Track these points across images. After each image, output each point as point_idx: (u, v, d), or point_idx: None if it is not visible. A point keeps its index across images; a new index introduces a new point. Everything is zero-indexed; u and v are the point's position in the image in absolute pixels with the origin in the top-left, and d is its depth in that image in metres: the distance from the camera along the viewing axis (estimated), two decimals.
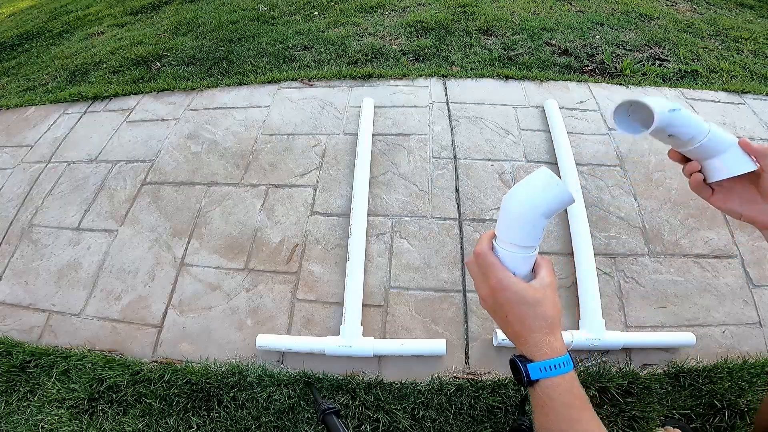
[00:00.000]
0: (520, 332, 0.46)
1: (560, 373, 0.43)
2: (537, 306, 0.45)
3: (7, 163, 1.97)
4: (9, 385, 1.23)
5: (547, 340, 0.45)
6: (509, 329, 0.47)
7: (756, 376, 1.13)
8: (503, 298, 0.46)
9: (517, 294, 0.45)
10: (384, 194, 1.60)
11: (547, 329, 0.45)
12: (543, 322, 0.45)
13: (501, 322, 0.48)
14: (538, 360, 0.44)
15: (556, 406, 0.43)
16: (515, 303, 0.45)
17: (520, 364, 0.44)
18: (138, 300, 1.40)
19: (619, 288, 1.34)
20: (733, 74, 2.19)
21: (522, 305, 0.45)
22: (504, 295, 0.46)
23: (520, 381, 0.44)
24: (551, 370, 0.43)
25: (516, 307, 0.45)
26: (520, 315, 0.45)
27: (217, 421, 1.09)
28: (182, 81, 2.29)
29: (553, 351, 0.44)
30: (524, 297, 0.45)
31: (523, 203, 0.44)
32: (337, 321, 1.28)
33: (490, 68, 2.19)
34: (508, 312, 0.46)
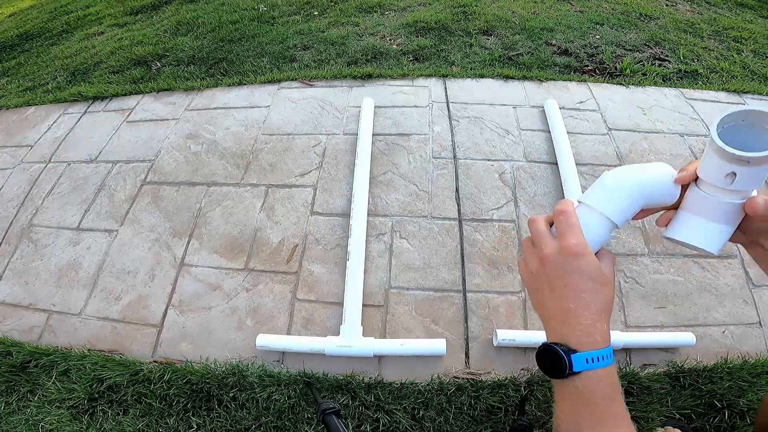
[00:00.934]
0: (573, 311, 0.39)
1: (607, 364, 0.38)
2: (604, 287, 0.40)
3: (7, 163, 1.97)
4: (9, 385, 1.23)
5: (598, 327, 0.39)
6: (558, 304, 0.40)
7: (756, 376, 1.13)
8: (573, 266, 0.39)
9: (590, 266, 0.39)
10: (384, 194, 1.60)
11: (605, 315, 0.40)
12: (603, 306, 0.39)
13: (551, 294, 0.41)
14: (586, 349, 0.38)
15: (596, 400, 0.38)
16: (584, 275, 0.39)
17: (561, 353, 0.38)
18: (138, 300, 1.40)
19: (619, 288, 1.34)
20: (733, 74, 2.19)
21: (590, 280, 0.39)
22: (576, 263, 0.39)
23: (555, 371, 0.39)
24: (598, 361, 0.38)
25: (582, 280, 0.39)
26: (582, 289, 0.39)
27: (217, 421, 1.09)
28: (182, 81, 2.29)
29: (602, 340, 0.39)
30: (596, 272, 0.40)
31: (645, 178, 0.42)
32: (337, 321, 1.28)
33: (490, 68, 2.19)
34: (569, 283, 0.39)
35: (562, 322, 0.40)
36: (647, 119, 1.88)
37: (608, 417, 0.38)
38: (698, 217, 0.41)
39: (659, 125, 1.84)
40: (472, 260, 1.41)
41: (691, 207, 0.42)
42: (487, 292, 1.34)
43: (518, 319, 1.28)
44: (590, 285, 0.39)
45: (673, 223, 0.43)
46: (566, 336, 0.39)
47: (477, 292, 1.34)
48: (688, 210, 0.42)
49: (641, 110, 1.93)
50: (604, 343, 0.39)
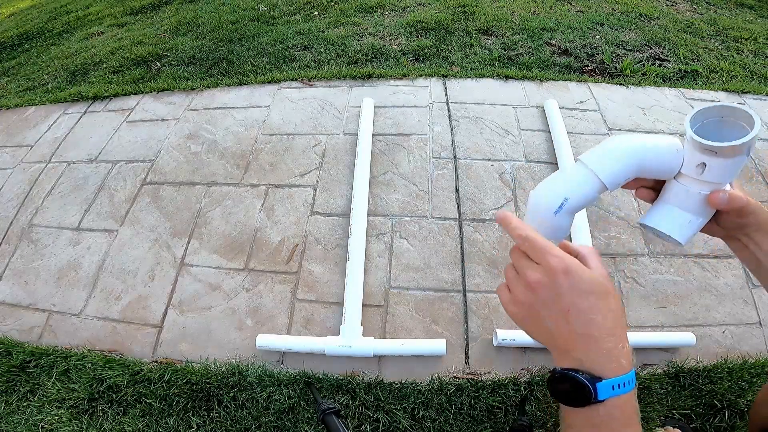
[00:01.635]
0: (589, 335, 0.34)
1: (630, 389, 0.34)
2: (606, 297, 0.35)
3: (7, 163, 1.97)
4: (9, 385, 1.23)
5: (625, 349, 0.34)
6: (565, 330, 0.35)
7: (756, 376, 1.13)
8: (565, 287, 0.34)
9: (583, 280, 0.34)
10: (384, 194, 1.60)
11: (623, 330, 0.35)
12: (616, 321, 0.35)
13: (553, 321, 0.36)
14: (611, 375, 0.33)
15: (615, 426, 0.35)
16: (581, 293, 0.34)
17: (586, 382, 0.33)
18: (138, 300, 1.40)
19: (619, 288, 1.34)
20: (733, 74, 2.19)
21: (591, 295, 0.34)
22: (567, 282, 0.34)
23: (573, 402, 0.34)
24: (624, 387, 0.34)
25: (582, 300, 0.34)
26: (586, 310, 0.34)
27: (217, 421, 1.09)
28: (182, 81, 2.29)
29: (628, 363, 0.34)
30: (592, 284, 0.34)
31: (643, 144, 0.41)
32: (337, 321, 1.28)
33: (490, 68, 2.19)
34: (572, 305, 0.34)
35: (580, 347, 0.35)
36: (647, 119, 1.88)
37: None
38: (671, 206, 0.42)
39: (659, 125, 1.84)
40: (472, 260, 1.41)
41: (666, 196, 0.43)
42: (487, 292, 1.34)
43: None
44: (593, 302, 0.35)
45: (650, 210, 0.44)
46: (587, 363, 0.34)
47: (477, 292, 1.34)
48: (664, 199, 0.43)
49: (641, 110, 1.93)
50: (628, 366, 0.34)
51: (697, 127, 0.39)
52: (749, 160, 1.69)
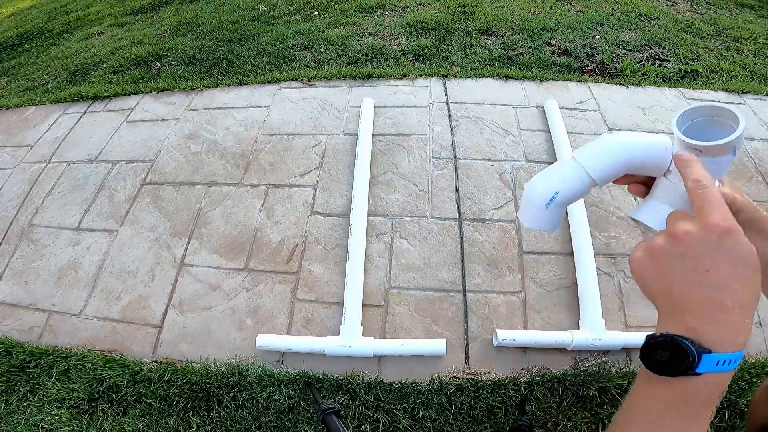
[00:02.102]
0: (720, 301, 0.31)
1: (733, 368, 0.32)
2: (755, 274, 0.31)
3: (7, 163, 1.97)
4: (9, 385, 1.23)
5: (748, 326, 0.31)
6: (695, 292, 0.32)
7: (756, 376, 1.13)
8: (721, 247, 0.31)
9: (743, 247, 0.31)
10: (384, 194, 1.60)
11: (753, 310, 0.32)
12: (753, 298, 0.31)
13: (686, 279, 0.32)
14: (723, 350, 0.31)
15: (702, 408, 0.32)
16: (736, 259, 0.31)
17: (693, 350, 0.30)
18: (138, 300, 1.40)
19: (619, 288, 1.34)
20: (733, 74, 2.19)
21: (743, 265, 0.31)
22: (727, 242, 0.31)
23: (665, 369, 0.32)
24: (730, 364, 0.31)
25: (733, 266, 0.31)
26: (732, 276, 0.31)
27: (217, 421, 1.09)
28: (182, 81, 2.29)
29: (745, 341, 0.32)
30: (750, 254, 0.31)
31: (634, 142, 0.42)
32: (337, 321, 1.28)
33: (490, 68, 2.19)
34: (715, 266, 0.31)
35: (699, 313, 0.32)
36: (647, 119, 1.88)
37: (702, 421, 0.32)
38: (660, 202, 0.43)
39: (659, 125, 1.84)
40: (472, 260, 1.41)
41: (656, 192, 0.44)
42: (487, 292, 1.34)
43: (518, 319, 1.28)
44: (741, 271, 0.31)
45: (640, 204, 0.45)
46: (701, 330, 0.31)
47: (477, 292, 1.34)
48: (654, 195, 0.44)
49: (641, 110, 1.93)
50: (744, 345, 0.32)
51: (687, 126, 0.40)
52: (749, 160, 1.70)
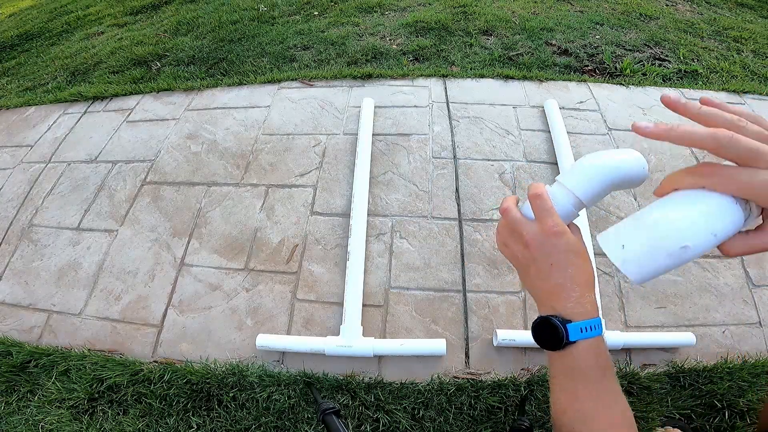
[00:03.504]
0: (563, 285, 0.41)
1: (598, 334, 0.40)
2: (583, 258, 0.42)
3: (7, 163, 1.97)
4: (9, 385, 1.23)
5: (590, 298, 0.41)
6: (550, 282, 0.42)
7: (756, 376, 1.13)
8: (553, 244, 0.41)
9: (570, 242, 0.41)
10: (384, 194, 1.60)
11: (591, 286, 0.42)
12: (588, 277, 0.42)
13: (539, 271, 0.43)
14: (579, 319, 0.40)
15: (590, 371, 0.40)
16: (566, 251, 0.41)
17: (558, 323, 0.40)
18: (138, 300, 1.40)
19: (619, 288, 1.34)
20: (733, 74, 2.19)
21: (571, 254, 0.41)
22: (558, 240, 0.41)
23: (552, 343, 0.40)
24: (592, 330, 0.39)
25: (566, 255, 0.41)
26: (567, 263, 0.41)
27: (217, 421, 1.09)
28: (182, 81, 2.29)
29: (594, 310, 0.41)
30: (577, 246, 0.42)
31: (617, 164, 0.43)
32: (337, 321, 1.28)
33: (490, 68, 2.19)
34: (556, 260, 0.41)
35: (555, 296, 0.42)
36: (647, 119, 1.88)
37: (603, 390, 0.40)
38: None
39: None
40: (472, 260, 1.41)
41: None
42: (487, 292, 1.34)
43: (518, 319, 1.28)
44: (574, 260, 0.41)
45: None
46: (560, 309, 0.41)
47: (477, 292, 1.34)
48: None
49: (641, 110, 1.93)
50: (594, 313, 0.41)
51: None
52: None
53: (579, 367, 0.40)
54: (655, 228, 0.35)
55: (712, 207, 0.33)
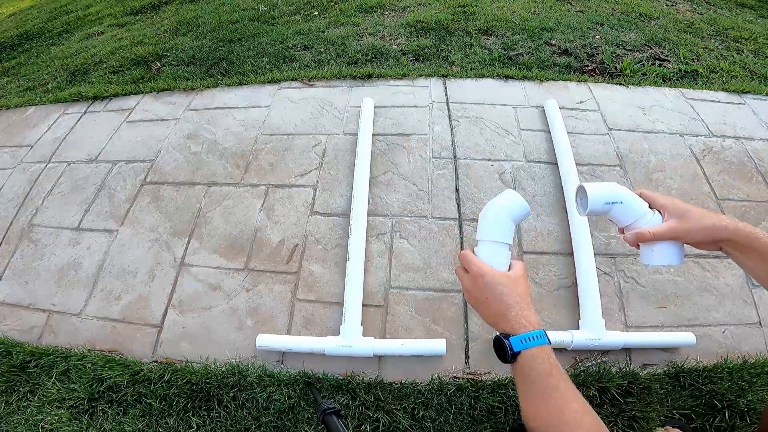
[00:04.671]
0: (500, 310, 0.52)
1: (538, 344, 0.48)
2: (510, 285, 0.53)
3: (7, 163, 1.97)
4: (9, 385, 1.23)
5: (524, 314, 0.51)
6: (491, 310, 0.54)
7: (756, 376, 1.13)
8: (482, 283, 0.54)
9: (493, 277, 0.54)
10: (384, 194, 1.60)
11: (523, 304, 0.52)
12: (518, 298, 0.52)
13: (483, 306, 0.55)
14: (520, 332, 0.49)
15: (536, 375, 0.47)
16: (492, 284, 0.53)
17: (503, 339, 0.50)
18: (138, 300, 1.40)
19: (619, 288, 1.34)
20: (733, 74, 2.19)
21: (498, 285, 0.53)
22: (483, 280, 0.54)
23: (504, 356, 0.50)
24: (530, 341, 0.48)
25: (493, 288, 0.53)
26: (497, 294, 0.53)
27: (217, 421, 1.09)
28: (182, 81, 2.29)
29: (530, 324, 0.50)
30: (499, 279, 0.54)
31: (496, 206, 0.60)
32: (337, 321, 1.28)
33: (490, 68, 2.19)
34: (489, 294, 0.53)
35: (499, 319, 0.53)
36: (647, 119, 1.88)
37: (550, 390, 0.46)
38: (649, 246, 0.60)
39: (659, 125, 1.84)
40: None
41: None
42: None
43: None
44: (500, 289, 0.53)
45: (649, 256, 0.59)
46: (506, 328, 0.51)
47: None
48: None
49: (641, 110, 1.93)
50: (532, 327, 0.50)
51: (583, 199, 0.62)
52: (749, 160, 1.70)
53: (525, 373, 0.48)
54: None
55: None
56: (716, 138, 1.79)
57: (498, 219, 0.59)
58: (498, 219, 0.59)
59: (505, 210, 0.59)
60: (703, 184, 1.60)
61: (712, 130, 1.83)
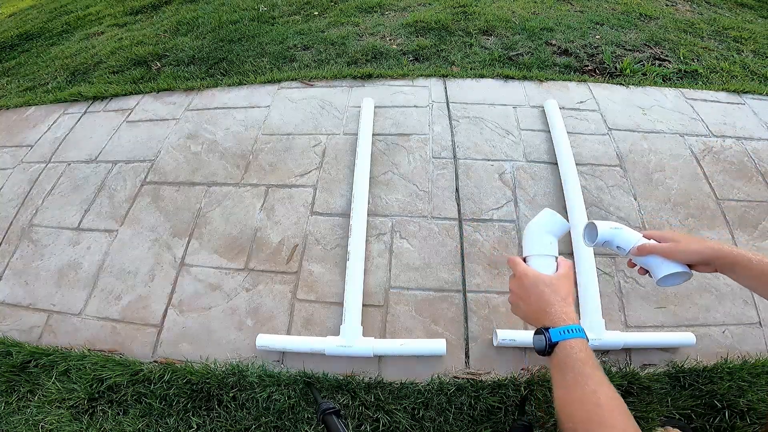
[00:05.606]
0: (542, 307, 0.56)
1: (576, 336, 0.52)
2: (552, 286, 0.58)
3: (7, 163, 1.97)
4: (9, 385, 1.23)
5: (564, 310, 0.55)
6: (532, 308, 0.58)
7: (756, 376, 1.13)
8: (526, 283, 0.59)
9: (535, 277, 0.59)
10: (384, 194, 1.60)
11: (563, 302, 0.56)
12: (558, 296, 0.57)
13: (525, 303, 0.59)
14: (560, 325, 0.53)
15: (574, 363, 0.49)
16: (534, 284, 0.58)
17: (543, 331, 0.54)
18: (138, 300, 1.40)
19: (619, 288, 1.34)
20: (733, 74, 2.19)
21: (539, 285, 0.58)
22: (526, 280, 0.59)
23: (542, 348, 0.53)
24: (569, 333, 0.52)
25: (535, 287, 0.58)
26: (539, 293, 0.57)
27: (217, 421, 1.09)
28: (182, 81, 2.29)
29: (569, 319, 0.54)
30: (541, 279, 0.59)
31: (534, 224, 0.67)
32: (337, 321, 1.28)
33: (490, 68, 2.19)
34: (531, 292, 0.58)
35: (540, 315, 0.57)
36: (647, 119, 1.88)
37: (585, 377, 0.48)
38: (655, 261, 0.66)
39: (659, 125, 1.84)
40: (472, 260, 1.41)
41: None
42: (487, 292, 1.34)
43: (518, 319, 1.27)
44: (541, 288, 0.58)
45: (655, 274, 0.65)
46: (545, 323, 0.55)
47: (477, 292, 1.34)
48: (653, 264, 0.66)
49: (641, 110, 1.93)
50: (571, 321, 0.53)
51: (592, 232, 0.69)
52: (749, 160, 1.70)
53: (563, 361, 0.51)
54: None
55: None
56: (716, 138, 1.79)
57: (535, 234, 0.66)
58: (535, 234, 0.66)
59: (542, 227, 0.66)
60: (703, 184, 1.60)
61: (712, 130, 1.83)
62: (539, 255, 0.64)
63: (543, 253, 0.64)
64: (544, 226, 0.66)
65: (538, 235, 0.66)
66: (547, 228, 0.66)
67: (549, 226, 0.66)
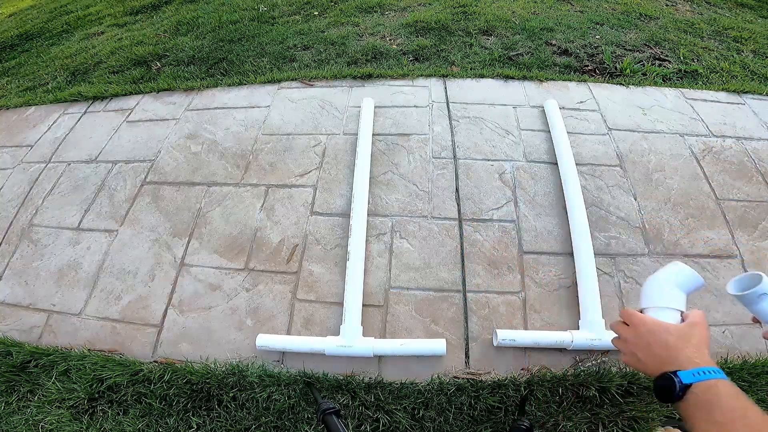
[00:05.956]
0: (667, 354, 0.51)
1: (717, 376, 0.45)
2: (680, 334, 0.52)
3: (7, 163, 1.97)
4: (9, 385, 1.23)
5: (698, 353, 0.49)
6: (653, 356, 0.52)
7: (756, 376, 1.13)
8: (643, 330, 0.54)
9: (656, 324, 0.54)
10: (384, 194, 1.60)
11: (695, 348, 0.50)
12: (688, 344, 0.51)
13: (644, 351, 0.53)
14: (692, 367, 0.47)
15: (724, 401, 0.44)
16: (656, 332, 0.53)
17: (671, 375, 0.47)
18: (138, 300, 1.40)
19: (619, 288, 1.34)
20: (733, 74, 2.19)
21: (663, 333, 0.53)
22: (644, 327, 0.54)
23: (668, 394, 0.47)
24: (706, 374, 0.46)
25: (657, 335, 0.53)
26: (662, 341, 0.52)
27: (217, 421, 1.09)
28: (182, 81, 2.29)
29: (705, 362, 0.48)
30: (664, 327, 0.53)
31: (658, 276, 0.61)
32: (337, 321, 1.28)
33: (490, 68, 2.19)
34: (651, 341, 0.53)
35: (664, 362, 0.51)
36: (647, 119, 1.88)
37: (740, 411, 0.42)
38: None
39: (659, 125, 1.84)
40: (472, 260, 1.41)
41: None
42: (487, 292, 1.34)
43: (518, 319, 1.28)
44: (666, 336, 0.52)
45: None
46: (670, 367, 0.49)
47: (477, 292, 1.34)
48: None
49: (641, 110, 1.93)
50: (704, 364, 0.47)
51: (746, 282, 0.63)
52: (749, 160, 1.70)
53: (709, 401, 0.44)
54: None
55: None
56: (716, 138, 1.79)
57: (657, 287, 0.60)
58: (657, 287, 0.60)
59: (668, 279, 0.60)
60: (703, 184, 1.60)
61: (712, 130, 1.83)
62: (659, 308, 0.58)
63: (665, 305, 0.58)
64: (670, 279, 0.60)
65: (661, 287, 0.59)
66: (675, 281, 0.60)
67: (676, 278, 0.60)
